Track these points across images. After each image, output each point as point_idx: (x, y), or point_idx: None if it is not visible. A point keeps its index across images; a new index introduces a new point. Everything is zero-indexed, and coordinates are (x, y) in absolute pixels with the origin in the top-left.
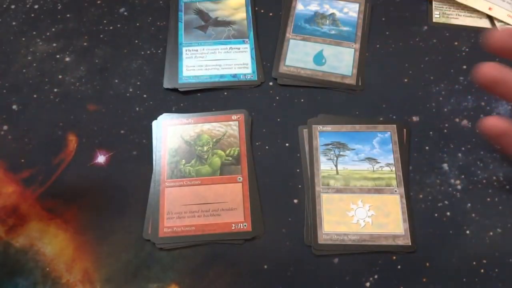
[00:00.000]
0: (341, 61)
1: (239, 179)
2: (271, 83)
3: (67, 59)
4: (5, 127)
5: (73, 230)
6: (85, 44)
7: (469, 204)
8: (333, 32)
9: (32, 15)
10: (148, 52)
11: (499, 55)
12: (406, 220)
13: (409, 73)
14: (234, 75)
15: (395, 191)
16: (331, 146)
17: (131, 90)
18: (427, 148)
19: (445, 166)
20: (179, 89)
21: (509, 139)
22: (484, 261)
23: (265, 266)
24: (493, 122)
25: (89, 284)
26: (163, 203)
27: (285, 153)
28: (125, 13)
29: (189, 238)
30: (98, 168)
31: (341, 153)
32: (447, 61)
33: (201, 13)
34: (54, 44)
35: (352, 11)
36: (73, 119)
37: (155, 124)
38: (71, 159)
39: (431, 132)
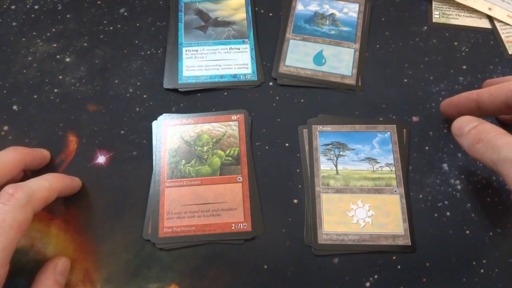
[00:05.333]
0: (341, 61)
1: (239, 179)
2: (271, 83)
3: (67, 59)
4: (5, 128)
5: (73, 230)
6: (85, 44)
7: (469, 204)
8: (333, 32)
9: (32, 15)
10: (148, 52)
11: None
12: (406, 220)
13: (409, 73)
14: (234, 75)
15: (395, 191)
16: (331, 146)
17: (131, 90)
18: (427, 148)
19: (445, 166)
20: (179, 89)
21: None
22: (484, 261)
23: (265, 266)
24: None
25: (89, 284)
26: (163, 203)
27: (285, 153)
28: (125, 14)
29: (189, 238)
30: (98, 168)
31: (341, 153)
32: (447, 61)
33: (201, 14)
34: (54, 45)
35: (352, 11)
36: (73, 120)
37: (155, 124)
38: (71, 159)
39: (431, 132)
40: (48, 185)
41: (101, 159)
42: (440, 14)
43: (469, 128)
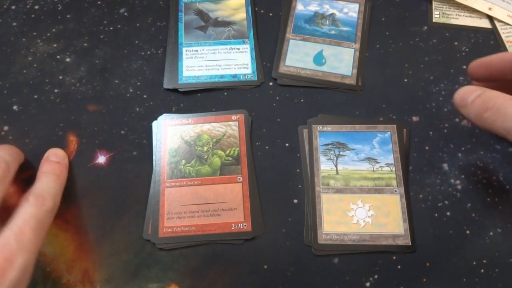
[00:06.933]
0: (341, 61)
1: (239, 179)
2: (271, 83)
3: (68, 59)
4: (5, 128)
5: (73, 230)
6: (85, 44)
7: (469, 204)
8: (333, 32)
9: (33, 15)
10: (148, 52)
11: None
12: (406, 220)
13: (409, 73)
14: (234, 75)
15: (395, 191)
16: (331, 146)
17: (131, 90)
18: (427, 148)
19: (445, 166)
20: (179, 90)
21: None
22: (484, 261)
23: (265, 266)
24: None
25: (89, 284)
26: (163, 203)
27: (285, 153)
28: (125, 14)
29: (189, 238)
30: (98, 168)
31: (341, 153)
32: (447, 61)
33: (201, 14)
34: (55, 45)
35: (352, 11)
36: (73, 120)
37: (155, 124)
38: (71, 160)
39: (431, 132)
40: (59, 186)
41: (101, 159)
42: (440, 14)
43: (473, 97)
